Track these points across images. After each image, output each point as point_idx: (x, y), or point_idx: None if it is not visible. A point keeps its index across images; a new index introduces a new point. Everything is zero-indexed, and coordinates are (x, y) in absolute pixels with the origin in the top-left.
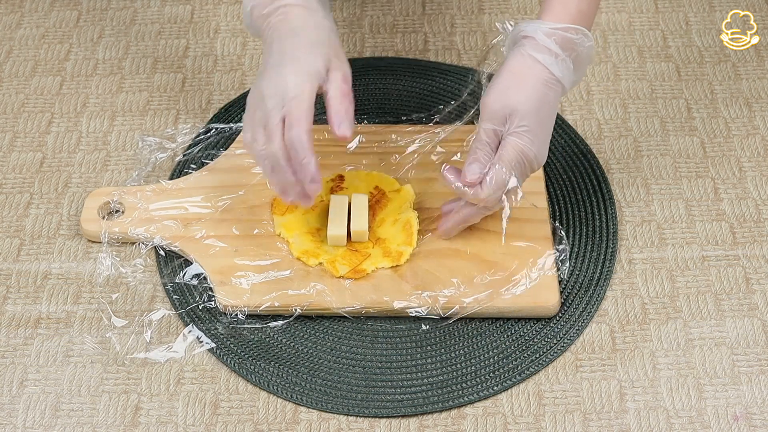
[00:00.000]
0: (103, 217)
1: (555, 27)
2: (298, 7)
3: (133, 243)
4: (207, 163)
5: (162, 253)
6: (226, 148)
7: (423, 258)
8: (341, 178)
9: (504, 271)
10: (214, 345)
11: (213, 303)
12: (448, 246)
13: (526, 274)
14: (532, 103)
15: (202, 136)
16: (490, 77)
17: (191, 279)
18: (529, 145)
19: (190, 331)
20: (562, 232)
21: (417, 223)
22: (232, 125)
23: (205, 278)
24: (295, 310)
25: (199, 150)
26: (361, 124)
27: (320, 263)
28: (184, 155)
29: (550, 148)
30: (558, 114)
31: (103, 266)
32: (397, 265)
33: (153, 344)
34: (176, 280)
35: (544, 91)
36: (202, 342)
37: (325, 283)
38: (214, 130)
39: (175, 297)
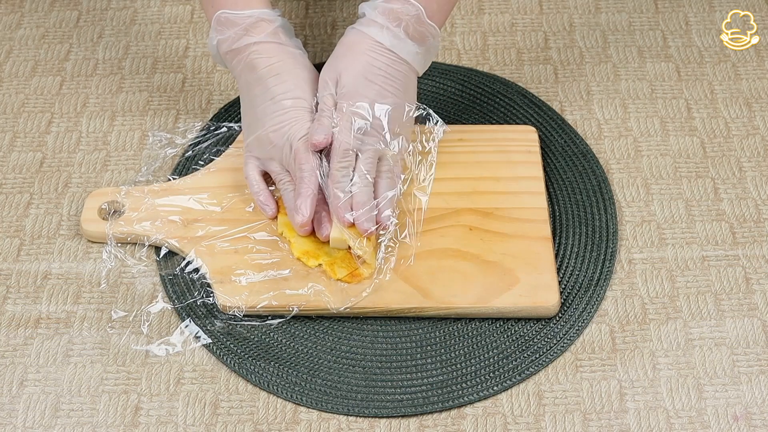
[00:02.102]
0: (104, 218)
1: (384, 2)
2: (269, 43)
3: (134, 242)
4: (207, 163)
5: (162, 252)
6: (226, 148)
7: (422, 258)
8: None
9: (504, 271)
10: (210, 341)
11: (212, 299)
12: (448, 246)
13: (525, 272)
14: (357, 66)
15: (200, 137)
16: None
17: (190, 273)
18: (357, 103)
19: (187, 326)
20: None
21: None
22: (233, 125)
23: (204, 275)
24: (293, 309)
25: (200, 149)
26: None
27: (319, 264)
28: (184, 154)
29: (550, 147)
30: (558, 114)
31: (105, 263)
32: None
33: (151, 337)
34: (175, 272)
35: (371, 56)
36: (199, 338)
37: (323, 283)
38: (214, 128)
39: (174, 294)
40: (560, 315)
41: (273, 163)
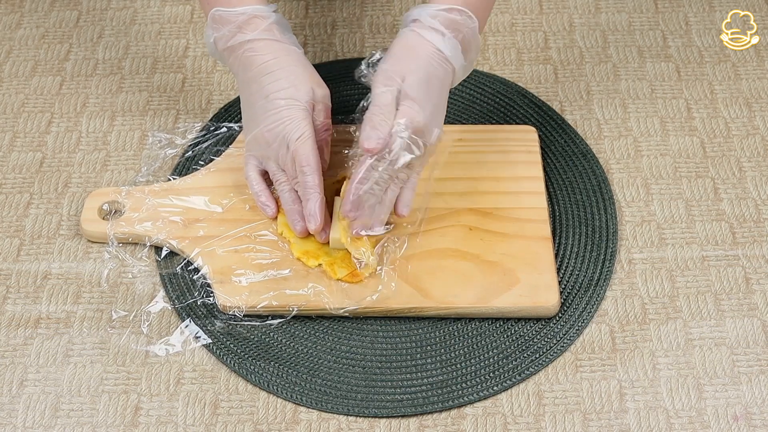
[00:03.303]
0: (104, 218)
1: (438, 9)
2: (263, 40)
3: (134, 243)
4: (207, 163)
5: (162, 252)
6: (226, 148)
7: (422, 258)
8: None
9: (504, 271)
10: (211, 341)
11: (212, 299)
12: (448, 246)
13: (525, 272)
14: (421, 72)
15: (200, 137)
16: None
17: (190, 273)
18: (418, 111)
19: (187, 326)
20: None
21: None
22: (233, 125)
23: (204, 275)
24: (293, 309)
25: (200, 150)
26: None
27: (319, 265)
28: (184, 155)
29: (550, 148)
30: (558, 114)
31: (105, 263)
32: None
33: (151, 337)
34: (176, 272)
35: (433, 65)
36: (199, 338)
37: (323, 283)
38: (214, 128)
39: (174, 294)
40: (560, 315)
41: (270, 163)
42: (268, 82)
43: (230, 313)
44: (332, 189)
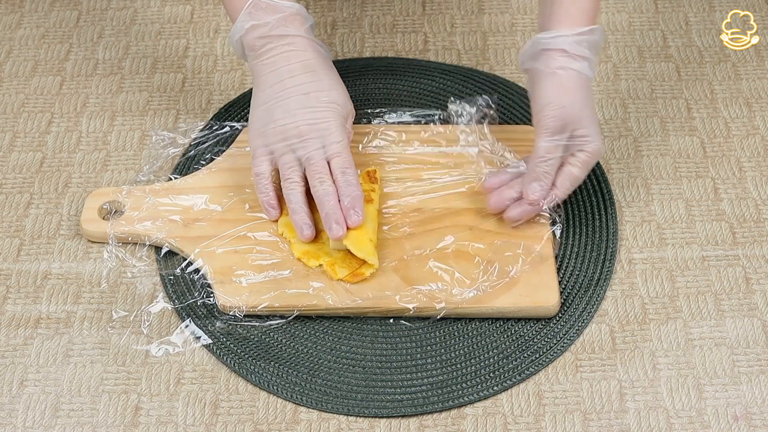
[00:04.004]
0: (104, 217)
1: (580, 33)
2: (306, 39)
3: (134, 242)
4: (208, 163)
5: (163, 251)
6: (227, 148)
7: (423, 258)
8: None
9: (504, 271)
10: (211, 341)
11: (212, 300)
12: (448, 246)
13: (525, 272)
14: (587, 111)
15: (201, 137)
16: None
17: (191, 273)
18: (599, 145)
19: (187, 326)
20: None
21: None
22: (234, 124)
23: (204, 275)
24: (293, 309)
25: (201, 149)
26: (370, 123)
27: (320, 265)
28: (185, 154)
29: None
30: None
31: (105, 263)
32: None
33: (151, 337)
34: (176, 272)
35: (588, 94)
36: (199, 338)
37: (323, 283)
38: (216, 128)
39: (174, 294)
40: (560, 315)
41: (288, 157)
42: (309, 80)
43: (230, 313)
44: None
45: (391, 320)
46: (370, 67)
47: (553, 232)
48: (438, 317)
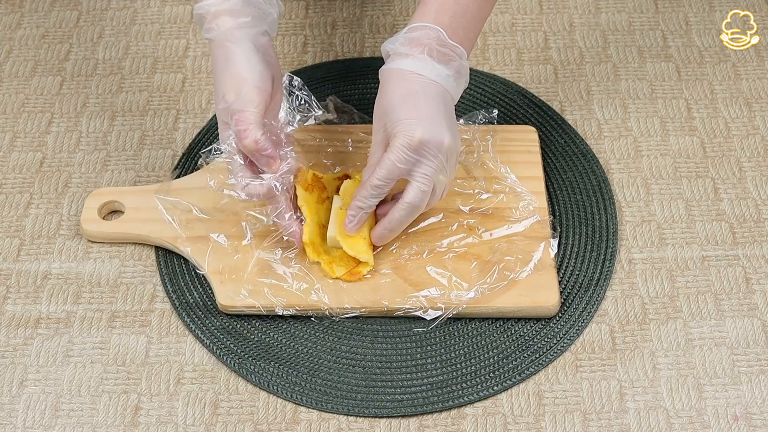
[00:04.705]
0: (104, 217)
1: (402, 33)
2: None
3: (134, 242)
4: (208, 163)
5: (162, 252)
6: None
7: (422, 258)
8: (347, 177)
9: (504, 271)
10: (210, 341)
11: (212, 299)
12: (448, 246)
13: (524, 272)
14: (394, 101)
15: (201, 137)
16: None
17: (190, 273)
18: (409, 127)
19: (187, 325)
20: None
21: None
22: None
23: (204, 277)
24: (293, 309)
25: (201, 149)
26: (364, 123)
27: (318, 262)
28: (185, 154)
29: (550, 147)
30: (558, 114)
31: (105, 263)
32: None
33: (151, 337)
34: (175, 272)
35: (404, 85)
36: (201, 339)
37: (323, 283)
38: (215, 128)
39: (174, 294)
40: (560, 315)
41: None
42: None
43: (230, 312)
44: (333, 186)
45: (391, 320)
46: (370, 67)
47: (551, 240)
48: (438, 318)
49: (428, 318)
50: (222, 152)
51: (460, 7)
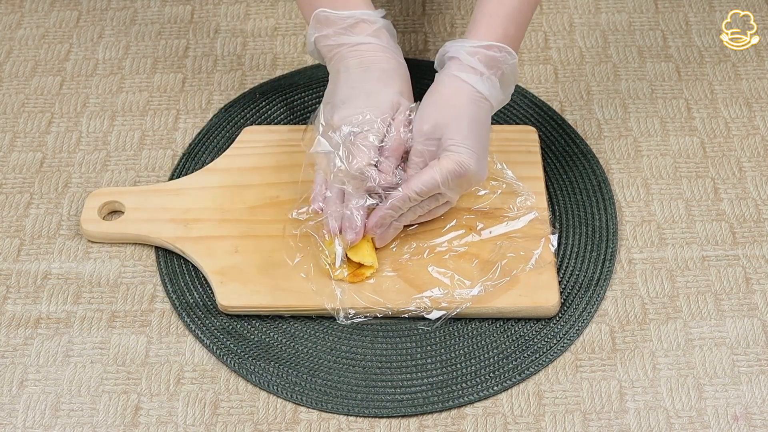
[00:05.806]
0: (104, 217)
1: (477, 45)
2: (369, 44)
3: (134, 242)
4: (207, 163)
5: (162, 252)
6: (227, 148)
7: (423, 258)
8: None
9: (504, 271)
10: (210, 341)
11: (212, 299)
12: (448, 246)
13: (524, 271)
14: (463, 120)
15: (201, 137)
16: None
17: (190, 273)
18: (467, 157)
19: (187, 326)
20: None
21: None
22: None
23: (204, 275)
24: (293, 309)
25: (201, 149)
26: None
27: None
28: (185, 154)
29: (550, 147)
30: (558, 114)
31: (105, 263)
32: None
33: (151, 337)
34: (175, 272)
35: (473, 108)
36: (201, 340)
37: (324, 283)
38: (215, 128)
39: (174, 294)
40: (560, 315)
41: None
42: (359, 76)
43: (230, 312)
44: None
45: (391, 320)
46: None
47: (551, 237)
48: (438, 318)
49: (432, 318)
50: (351, 162)
51: (522, 17)
